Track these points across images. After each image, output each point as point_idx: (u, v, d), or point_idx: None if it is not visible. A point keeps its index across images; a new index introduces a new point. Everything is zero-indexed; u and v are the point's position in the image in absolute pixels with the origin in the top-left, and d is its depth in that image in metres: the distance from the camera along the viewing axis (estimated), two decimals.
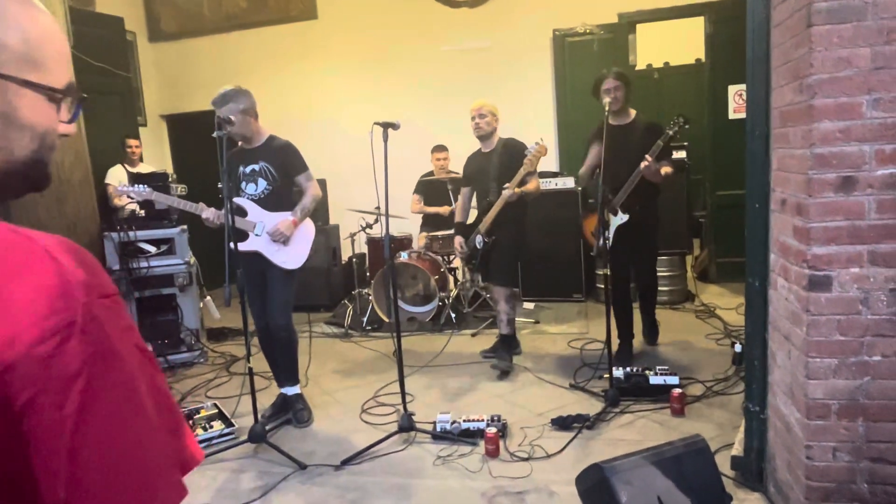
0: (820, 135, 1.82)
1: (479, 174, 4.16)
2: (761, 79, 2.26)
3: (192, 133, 7.17)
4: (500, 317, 4.15)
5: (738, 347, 3.95)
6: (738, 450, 2.59)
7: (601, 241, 3.59)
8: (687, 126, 3.72)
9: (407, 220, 5.73)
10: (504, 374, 3.99)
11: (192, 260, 4.90)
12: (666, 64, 7.54)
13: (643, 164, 3.67)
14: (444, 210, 5.62)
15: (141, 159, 6.19)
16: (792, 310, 2.03)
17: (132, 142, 6.02)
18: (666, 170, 3.80)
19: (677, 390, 3.30)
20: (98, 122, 5.90)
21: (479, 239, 4.08)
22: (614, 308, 4.05)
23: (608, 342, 3.50)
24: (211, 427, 3.35)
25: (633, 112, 3.97)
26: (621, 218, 3.90)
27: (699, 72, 6.84)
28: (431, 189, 5.81)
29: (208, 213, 3.34)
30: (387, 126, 3.08)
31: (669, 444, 2.24)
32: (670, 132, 3.72)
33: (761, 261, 2.33)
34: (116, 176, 5.76)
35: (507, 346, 4.19)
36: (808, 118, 1.84)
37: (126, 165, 5.87)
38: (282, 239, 3.37)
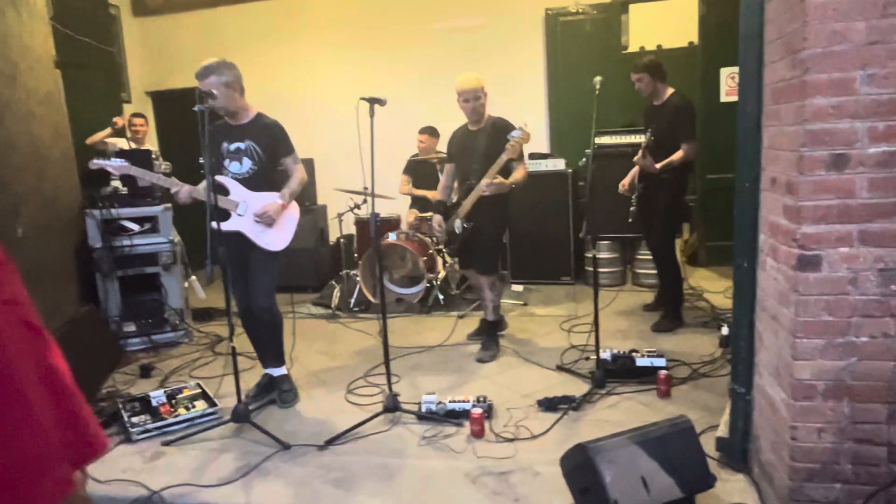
0: (812, 111, 1.78)
1: (463, 153, 3.99)
2: (754, 55, 2.21)
3: (177, 110, 7.00)
4: (486, 304, 4.09)
5: (724, 330, 3.95)
6: (723, 431, 2.58)
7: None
8: (653, 138, 4.09)
9: (396, 201, 5.68)
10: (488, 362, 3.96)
11: (177, 239, 4.82)
12: (659, 47, 7.45)
13: (635, 158, 4.11)
14: (432, 195, 5.55)
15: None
16: (780, 290, 2.00)
17: (137, 120, 5.87)
18: (672, 158, 4.08)
19: (664, 372, 3.29)
20: (81, 97, 5.75)
21: (457, 224, 3.96)
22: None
23: (596, 323, 3.49)
24: (194, 407, 3.30)
25: (668, 91, 4.22)
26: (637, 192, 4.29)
27: (691, 55, 6.77)
28: (420, 170, 5.75)
29: (178, 188, 3.27)
30: (373, 102, 3.02)
31: (654, 425, 2.23)
32: (644, 140, 4.09)
33: (750, 241, 2.30)
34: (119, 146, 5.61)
35: (493, 333, 4.15)
36: (800, 94, 1.80)
37: (133, 144, 5.72)
38: (269, 221, 3.30)
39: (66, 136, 4.56)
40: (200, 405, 3.32)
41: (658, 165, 4.06)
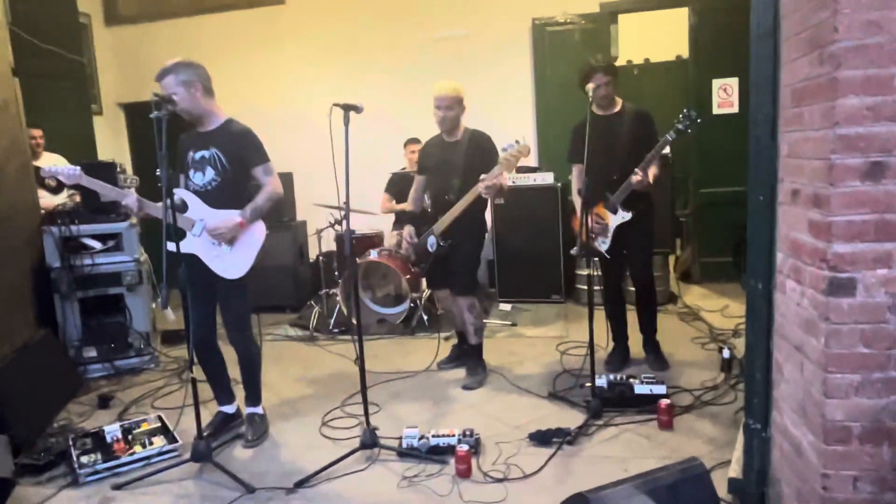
0: (845, 113, 1.56)
1: (440, 167, 3.68)
2: (767, 54, 2.00)
3: (152, 123, 6.75)
4: (467, 328, 3.78)
5: (725, 353, 3.72)
6: (735, 471, 2.33)
7: (584, 237, 3.26)
8: (699, 120, 3.51)
9: (378, 217, 5.44)
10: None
11: (144, 257, 4.53)
12: (646, 60, 7.31)
13: (634, 179, 3.45)
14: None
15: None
16: (806, 317, 1.76)
17: (35, 132, 5.15)
18: (657, 172, 3.58)
19: (665, 401, 3.04)
20: (47, 109, 5.47)
21: (431, 241, 3.65)
22: (607, 308, 3.90)
23: (591, 348, 3.24)
24: (151, 443, 3.00)
25: (619, 101, 3.71)
26: (623, 216, 3.60)
27: (681, 67, 6.63)
28: (405, 184, 5.47)
29: (128, 201, 2.92)
30: (348, 109, 2.76)
31: (664, 470, 1.97)
32: (671, 135, 3.45)
33: (765, 260, 2.07)
34: None
35: (479, 357, 3.86)
36: (830, 93, 1.58)
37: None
38: (223, 239, 2.94)
39: (23, 148, 4.26)
40: (159, 441, 3.02)
41: (651, 179, 3.55)
